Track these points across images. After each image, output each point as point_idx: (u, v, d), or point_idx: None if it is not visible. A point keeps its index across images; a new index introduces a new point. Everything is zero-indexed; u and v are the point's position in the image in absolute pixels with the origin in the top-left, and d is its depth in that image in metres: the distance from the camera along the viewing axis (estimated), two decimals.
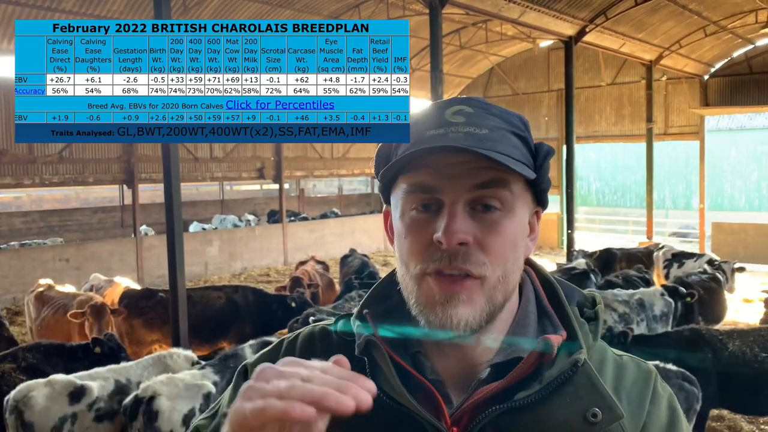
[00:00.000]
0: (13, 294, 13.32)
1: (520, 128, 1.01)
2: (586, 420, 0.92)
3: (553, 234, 21.09)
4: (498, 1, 12.80)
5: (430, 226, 0.95)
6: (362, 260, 12.13)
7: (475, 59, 22.04)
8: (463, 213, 0.95)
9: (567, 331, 1.00)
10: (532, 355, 0.96)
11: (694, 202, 21.74)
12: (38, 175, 14.57)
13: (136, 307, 8.51)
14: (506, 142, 0.96)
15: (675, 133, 20.74)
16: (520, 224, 1.00)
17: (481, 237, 0.95)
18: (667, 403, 1.02)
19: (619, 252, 13.13)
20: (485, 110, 0.99)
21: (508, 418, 0.94)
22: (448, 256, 0.94)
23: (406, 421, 0.94)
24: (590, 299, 1.08)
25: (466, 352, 1.00)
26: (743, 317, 10.89)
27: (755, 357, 5.71)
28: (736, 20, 17.08)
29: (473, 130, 0.95)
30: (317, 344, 1.08)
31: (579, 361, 0.95)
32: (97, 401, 5.03)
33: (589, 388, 0.95)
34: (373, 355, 0.98)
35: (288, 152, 19.90)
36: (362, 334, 0.99)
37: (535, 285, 1.09)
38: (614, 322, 7.54)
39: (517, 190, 0.98)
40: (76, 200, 28.20)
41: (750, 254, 16.48)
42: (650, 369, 1.06)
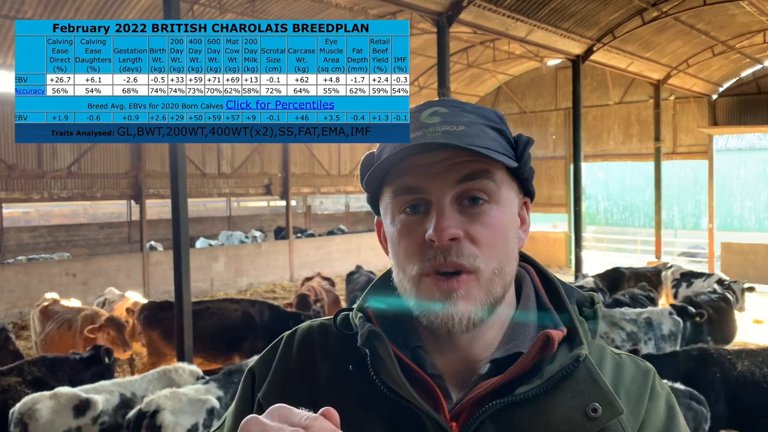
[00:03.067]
0: (20, 308, 13.35)
1: (496, 121, 1.02)
2: (586, 415, 0.92)
3: (561, 253, 21.01)
4: (505, 20, 12.88)
5: (421, 227, 0.96)
6: (368, 277, 12.10)
7: (483, 78, 22.14)
8: (451, 209, 0.96)
9: (567, 328, 0.99)
10: (532, 351, 0.96)
11: (703, 221, 21.63)
12: (47, 190, 14.67)
13: (155, 319, 8.54)
14: (484, 136, 0.98)
15: (683, 152, 20.71)
16: (509, 214, 1.01)
17: (471, 230, 0.96)
18: (665, 401, 1.02)
19: (627, 271, 13.06)
20: (459, 108, 1.01)
21: (507, 413, 0.93)
22: (442, 254, 0.94)
23: (405, 413, 0.94)
24: (589, 299, 1.07)
25: (466, 347, 1.00)
26: (753, 338, 10.79)
27: (764, 377, 5.64)
28: (744, 40, 17.12)
29: (450, 128, 0.96)
30: (315, 339, 1.08)
31: (580, 356, 0.95)
32: (101, 415, 5.03)
33: (589, 384, 0.94)
34: (375, 347, 0.98)
35: (295, 169, 19.97)
36: (365, 326, 0.99)
37: (535, 282, 1.09)
38: (622, 341, 7.48)
39: (501, 181, 0.99)
40: (84, 216, 28.34)
41: (759, 275, 16.36)
42: (648, 367, 1.05)
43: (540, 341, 0.96)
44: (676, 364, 5.81)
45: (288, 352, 1.07)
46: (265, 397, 1.03)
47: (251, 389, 1.07)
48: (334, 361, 1.03)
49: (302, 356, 1.06)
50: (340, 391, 0.99)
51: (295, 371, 1.04)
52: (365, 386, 0.97)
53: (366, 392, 0.97)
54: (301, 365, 1.04)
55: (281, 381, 1.04)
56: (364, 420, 0.95)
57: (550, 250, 20.76)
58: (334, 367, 1.02)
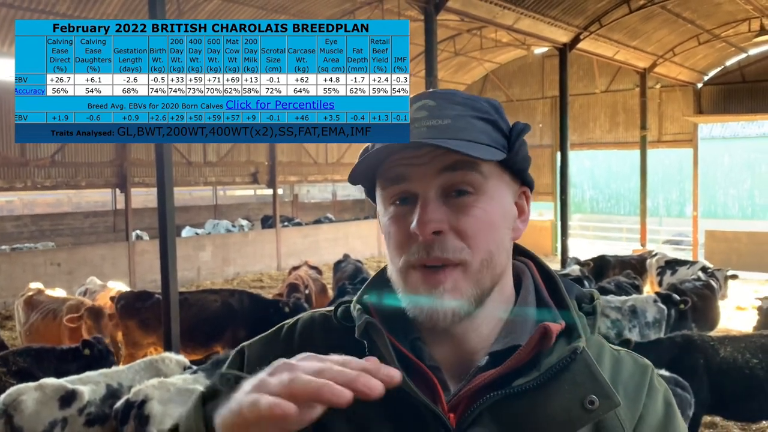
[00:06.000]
0: (4, 298, 13.25)
1: (488, 112, 1.02)
2: (584, 407, 0.92)
3: (547, 241, 21.13)
4: (493, 8, 12.87)
5: (408, 219, 0.97)
6: (356, 266, 12.14)
7: (470, 66, 22.12)
8: (436, 202, 0.96)
9: (566, 321, 1.00)
10: (530, 343, 0.96)
11: (688, 209, 21.82)
12: (30, 179, 14.52)
13: (132, 308, 8.49)
14: (470, 128, 0.97)
15: (669, 140, 20.86)
16: (499, 205, 1.00)
17: (456, 222, 0.96)
18: (663, 398, 1.03)
19: (612, 259, 13.17)
20: (448, 100, 1.01)
21: (505, 405, 0.94)
22: (425, 249, 0.95)
23: (403, 404, 0.94)
24: (588, 295, 1.08)
25: (461, 339, 1.01)
26: (736, 325, 10.93)
27: (746, 363, 5.73)
28: (729, 29, 17.22)
29: (436, 123, 0.97)
30: (317, 330, 1.08)
31: (578, 349, 0.95)
32: (87, 406, 4.99)
33: (587, 376, 0.95)
34: (372, 339, 0.98)
35: (282, 157, 19.88)
36: (362, 318, 1.00)
37: (535, 276, 1.09)
38: (606, 329, 7.55)
39: (489, 172, 0.99)
40: (69, 204, 28.11)
41: (743, 262, 16.56)
42: (647, 363, 1.06)
43: (538, 333, 0.96)
44: (660, 351, 5.87)
45: (289, 341, 1.07)
46: None
47: (239, 367, 1.05)
48: (334, 352, 1.03)
49: (303, 346, 1.05)
50: None
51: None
52: None
53: None
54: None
55: None
56: (362, 410, 0.93)
57: (536, 238, 20.87)
58: None
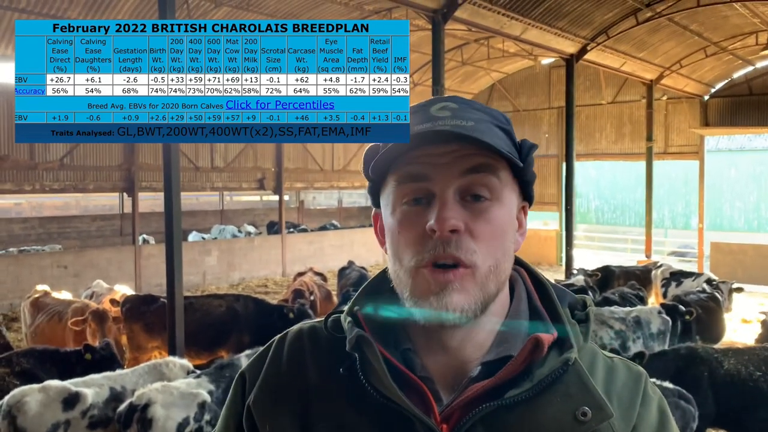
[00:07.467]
0: (11, 300, 13.28)
1: (504, 122, 1.03)
2: (576, 419, 0.92)
3: (552, 251, 21.07)
4: (500, 18, 12.89)
5: (422, 218, 0.97)
6: (360, 272, 12.12)
7: (477, 75, 22.14)
8: (454, 201, 0.96)
9: (558, 331, 1.00)
10: (522, 354, 0.96)
11: (693, 221, 21.72)
12: (39, 182, 14.58)
13: (137, 312, 8.50)
14: (492, 134, 0.98)
15: (675, 152, 20.80)
16: (509, 214, 1.01)
17: (472, 225, 0.96)
18: (657, 406, 1.03)
19: (617, 270, 13.11)
20: (469, 105, 1.02)
21: (498, 416, 0.93)
22: (442, 244, 0.95)
23: (395, 417, 0.94)
24: (581, 302, 1.08)
25: (457, 349, 1.00)
26: (741, 338, 10.85)
27: (750, 375, 5.69)
28: (736, 42, 17.20)
29: (460, 122, 0.97)
30: (306, 342, 1.08)
31: (570, 360, 0.96)
32: (91, 408, 4.99)
33: (579, 387, 0.95)
34: (363, 351, 0.98)
35: (289, 163, 19.92)
36: (353, 330, 0.99)
37: (527, 285, 1.09)
38: (610, 339, 7.52)
39: (505, 179, 1.00)
40: (76, 208, 28.20)
41: (748, 275, 16.45)
42: (640, 371, 1.06)
43: (530, 345, 0.96)
44: (664, 363, 5.84)
45: (278, 357, 1.07)
46: (255, 403, 1.03)
47: (242, 395, 1.07)
48: (324, 365, 1.03)
49: (292, 360, 1.06)
50: (330, 394, 0.99)
51: (286, 375, 1.04)
52: (355, 389, 0.97)
53: (356, 395, 0.97)
54: (292, 369, 1.04)
55: (272, 386, 1.04)
56: (355, 423, 0.95)
57: (540, 247, 20.82)
58: (324, 371, 1.02)
